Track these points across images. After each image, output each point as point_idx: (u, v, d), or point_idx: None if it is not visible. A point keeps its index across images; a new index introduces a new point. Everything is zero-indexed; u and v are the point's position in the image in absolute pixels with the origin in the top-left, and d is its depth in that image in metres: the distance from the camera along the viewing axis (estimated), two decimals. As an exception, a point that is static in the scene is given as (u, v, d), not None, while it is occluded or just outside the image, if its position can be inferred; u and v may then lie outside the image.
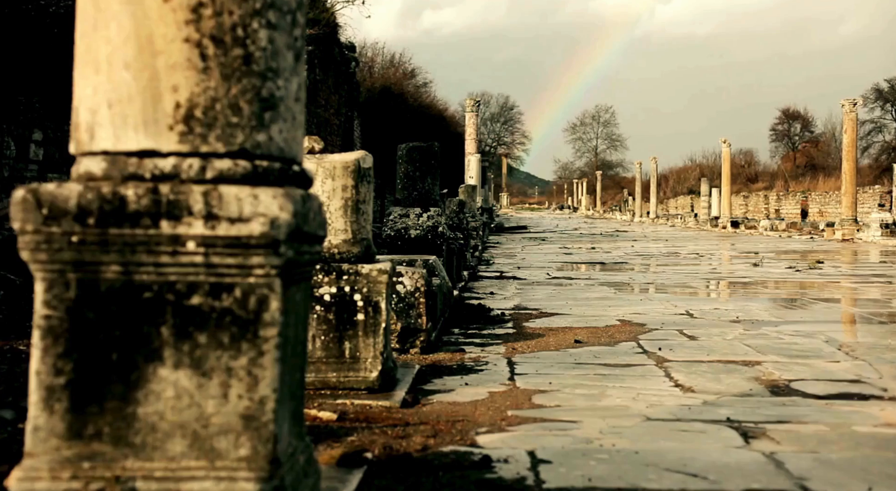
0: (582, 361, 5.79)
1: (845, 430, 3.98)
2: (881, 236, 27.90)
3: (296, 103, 2.26)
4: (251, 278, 2.06)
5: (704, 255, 20.26)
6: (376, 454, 3.40)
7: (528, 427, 4.01)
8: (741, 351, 6.23)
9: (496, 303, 9.36)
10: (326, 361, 4.61)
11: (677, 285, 12.00)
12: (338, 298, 4.65)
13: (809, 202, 51.42)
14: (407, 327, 5.95)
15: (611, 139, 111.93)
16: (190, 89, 2.07)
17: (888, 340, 6.88)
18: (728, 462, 3.43)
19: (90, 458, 2.03)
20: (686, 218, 51.95)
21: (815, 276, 13.87)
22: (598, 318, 8.16)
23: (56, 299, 2.04)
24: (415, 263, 6.97)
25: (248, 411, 2.05)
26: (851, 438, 3.83)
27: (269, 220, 2.04)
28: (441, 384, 5.02)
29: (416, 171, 10.38)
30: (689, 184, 75.27)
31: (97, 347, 2.03)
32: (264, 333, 2.07)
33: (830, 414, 4.30)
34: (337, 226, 4.75)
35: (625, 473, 3.27)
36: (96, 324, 2.03)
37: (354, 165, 4.78)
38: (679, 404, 4.49)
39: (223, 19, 2.08)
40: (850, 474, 3.30)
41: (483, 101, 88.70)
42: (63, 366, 2.03)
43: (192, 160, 2.09)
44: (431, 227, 9.99)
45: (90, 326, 2.03)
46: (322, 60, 19.33)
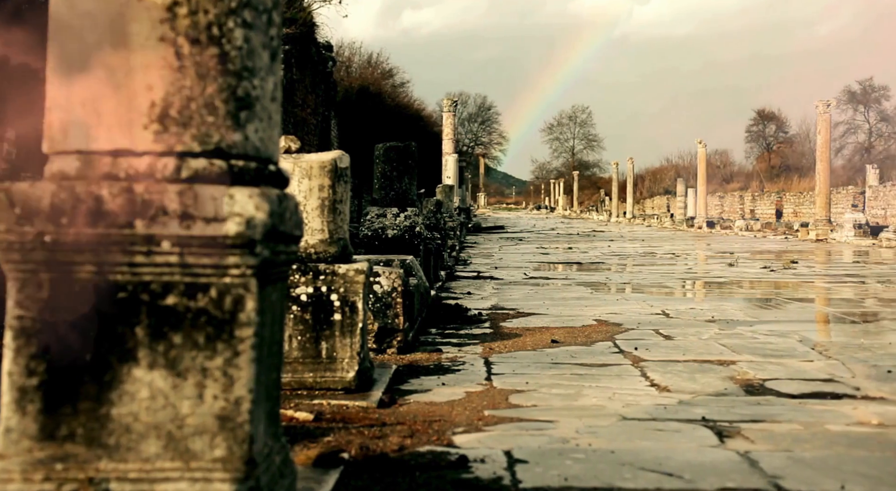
0: (558, 361, 5.81)
1: (818, 429, 4.02)
2: (854, 237, 28.16)
3: (272, 103, 2.25)
4: (227, 278, 2.06)
5: (680, 255, 20.37)
6: (353, 455, 3.39)
7: (504, 427, 4.01)
8: (716, 351, 6.27)
9: (473, 303, 9.36)
10: (303, 362, 4.60)
11: (653, 285, 12.06)
12: (314, 298, 4.64)
13: (784, 202, 51.80)
14: (384, 327, 5.94)
15: (588, 139, 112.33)
16: (165, 88, 2.06)
17: (861, 339, 6.95)
18: (703, 461, 3.45)
19: (63, 459, 2.01)
20: (662, 218, 52.21)
21: (790, 276, 13.98)
22: (575, 318, 8.18)
23: (29, 299, 2.02)
24: (392, 263, 6.96)
25: (224, 412, 2.04)
26: (825, 437, 3.87)
27: (245, 220, 2.03)
28: (418, 384, 5.02)
29: (393, 171, 10.38)
30: (665, 184, 75.63)
31: (70, 348, 2.01)
32: (240, 334, 2.06)
33: (804, 413, 4.34)
34: (313, 226, 4.74)
35: (601, 473, 3.29)
36: (70, 324, 2.02)
37: (331, 165, 4.77)
38: (655, 404, 4.51)
39: (198, 18, 2.07)
40: (823, 473, 3.33)
41: (461, 101, 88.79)
42: (36, 367, 2.01)
43: (167, 160, 2.08)
44: (408, 227, 9.99)
45: (63, 327, 2.02)
46: (299, 60, 19.27)
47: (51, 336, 2.01)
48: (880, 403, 4.57)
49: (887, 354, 6.14)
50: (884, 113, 69.81)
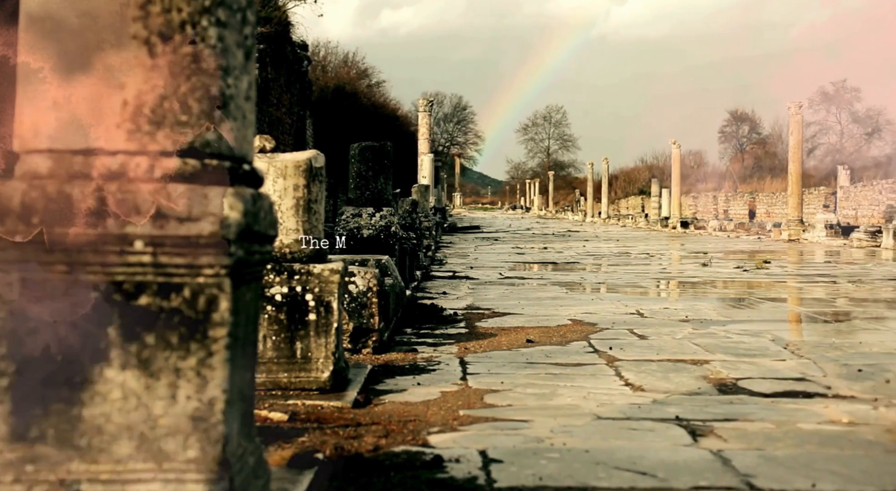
0: (534, 361, 5.82)
1: (790, 427, 4.06)
2: (826, 237, 28.44)
3: (246, 102, 2.24)
4: (200, 278, 2.04)
5: (654, 255, 20.48)
6: (327, 455, 3.38)
7: (479, 427, 4.02)
8: (690, 350, 6.31)
9: (449, 303, 9.37)
10: (278, 362, 4.58)
11: (628, 285, 12.11)
12: (289, 298, 4.63)
13: (757, 203, 52.23)
14: (359, 327, 5.93)
15: (563, 140, 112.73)
16: (137, 87, 2.05)
17: (832, 338, 7.02)
18: (676, 460, 3.47)
19: (33, 461, 2.00)
20: (637, 218, 52.48)
21: (763, 275, 14.09)
22: (550, 317, 8.21)
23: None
24: (367, 262, 6.95)
25: (197, 412, 2.03)
26: (796, 436, 3.90)
27: (219, 219, 2.02)
28: (393, 384, 5.01)
29: (368, 171, 10.36)
30: (639, 184, 76.01)
31: (41, 348, 2.00)
32: (214, 334, 2.05)
33: (776, 412, 4.37)
34: (288, 225, 4.73)
35: (575, 472, 3.30)
36: (40, 324, 2.00)
37: (306, 165, 4.75)
38: (629, 403, 4.53)
39: (172, 16, 2.06)
40: (794, 471, 3.36)
41: (436, 100, 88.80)
42: (6, 368, 1.99)
43: (140, 159, 2.06)
44: (384, 227, 9.98)
45: (34, 327, 2.00)
46: (274, 59, 19.19)
47: (21, 336, 1.99)
48: (851, 402, 4.62)
49: (858, 354, 6.20)
50: (855, 114, 70.58)
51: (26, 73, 2.10)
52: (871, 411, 4.40)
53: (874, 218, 36.08)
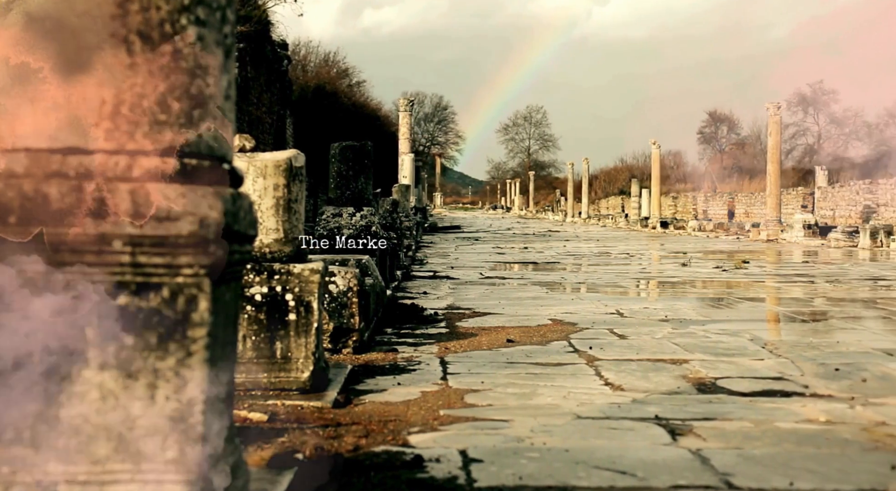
0: (514, 361, 5.83)
1: (768, 426, 4.08)
2: (804, 237, 28.65)
3: (226, 101, 2.23)
4: (179, 278, 2.03)
5: (634, 255, 20.56)
6: (307, 455, 3.38)
7: (460, 426, 4.02)
8: (669, 350, 6.34)
9: (429, 302, 9.37)
10: (257, 362, 4.57)
11: (608, 285, 12.16)
12: (269, 298, 4.61)
13: (736, 203, 52.53)
14: (339, 327, 5.92)
15: (543, 140, 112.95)
16: (116, 86, 2.03)
17: (810, 338, 7.07)
18: (656, 459, 3.49)
19: (10, 462, 1.98)
20: (617, 218, 52.66)
21: (741, 275, 14.18)
22: (531, 317, 8.22)
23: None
24: (347, 262, 6.94)
25: (176, 413, 2.02)
26: (774, 435, 3.93)
27: (198, 219, 2.01)
28: (373, 384, 5.01)
29: (349, 171, 10.34)
30: (619, 184, 76.28)
31: (17, 349, 1.98)
32: (193, 334, 2.04)
33: (754, 411, 4.40)
34: (268, 225, 4.71)
35: (555, 471, 3.31)
36: (16, 324, 1.98)
37: (286, 164, 4.74)
38: (609, 403, 4.55)
39: (150, 15, 2.05)
40: (772, 470, 3.38)
41: (417, 100, 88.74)
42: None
43: (119, 158, 2.05)
44: (364, 227, 9.96)
45: (11, 327, 1.98)
46: (253, 58, 19.13)
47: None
48: (828, 401, 4.66)
49: (835, 353, 6.25)
50: (833, 115, 71.16)
51: (2, 70, 2.08)
52: (848, 410, 4.43)
53: (851, 218, 36.39)
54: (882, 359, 6.00)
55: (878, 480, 3.27)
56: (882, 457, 3.59)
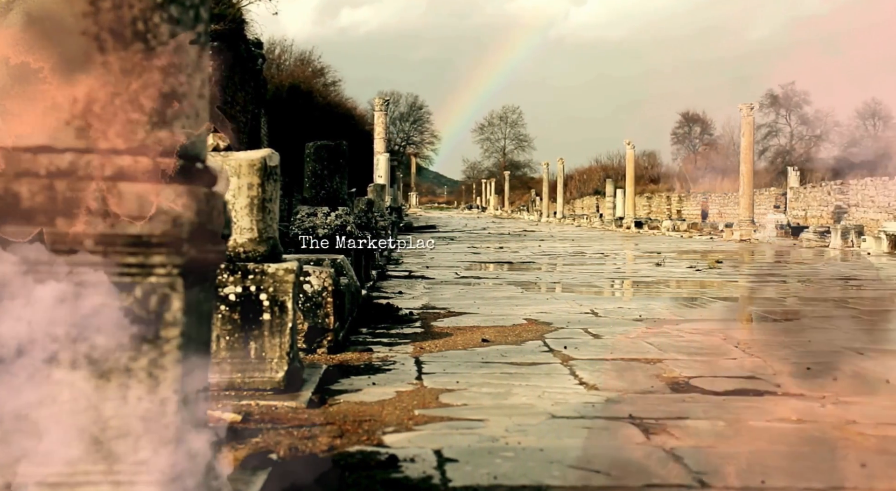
0: (489, 360, 5.84)
1: (741, 425, 4.12)
2: (776, 237, 28.90)
3: (199, 99, 2.22)
4: (152, 278, 2.02)
5: (609, 254, 20.65)
6: (281, 455, 3.36)
7: (435, 426, 4.02)
8: (643, 349, 6.37)
9: (405, 302, 9.36)
10: (231, 362, 4.55)
11: (583, 285, 12.20)
12: (243, 298, 4.59)
13: (709, 203, 52.87)
14: (314, 327, 5.90)
15: (518, 140, 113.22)
16: (88, 84, 2.02)
17: (782, 337, 7.13)
18: (629, 458, 3.51)
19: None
20: (592, 218, 52.86)
21: (715, 275, 14.28)
22: (506, 317, 8.24)
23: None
24: (322, 262, 6.92)
25: (149, 413, 2.01)
26: (747, 433, 3.96)
27: (171, 218, 2.00)
28: (348, 384, 5.00)
29: (324, 170, 10.32)
30: (594, 185, 76.58)
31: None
32: (165, 334, 2.03)
33: (727, 410, 4.43)
34: (243, 224, 4.69)
35: (529, 471, 3.32)
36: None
37: (261, 163, 4.72)
38: (583, 402, 4.56)
39: (123, 12, 2.03)
40: (745, 468, 3.41)
41: (392, 100, 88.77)
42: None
43: (90, 156, 2.03)
44: (340, 227, 9.94)
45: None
46: (228, 57, 19.02)
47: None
48: (800, 400, 4.70)
49: (807, 352, 6.31)
50: (804, 116, 71.82)
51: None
52: (820, 409, 4.47)
53: (823, 218, 36.74)
54: (853, 358, 6.06)
55: (849, 478, 3.30)
56: (852, 455, 3.62)
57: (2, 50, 2.00)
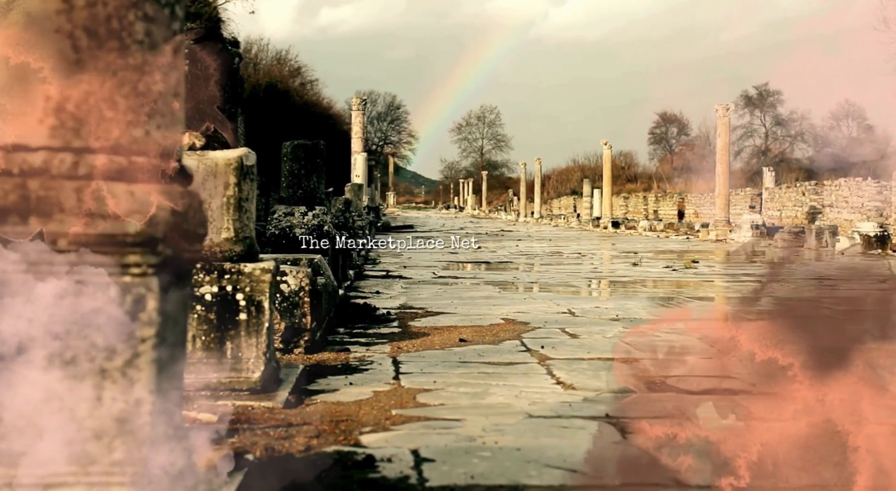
0: (466, 360, 5.84)
1: (716, 424, 4.14)
2: (752, 237, 29.09)
3: (175, 98, 2.20)
4: (127, 277, 2.01)
5: (586, 254, 20.71)
6: (258, 456, 3.35)
7: (412, 426, 4.02)
8: (620, 349, 6.39)
9: (382, 302, 9.35)
10: (207, 362, 4.52)
11: (560, 284, 12.23)
12: (219, 298, 4.57)
13: (686, 203, 53.15)
14: (291, 327, 5.88)
15: (496, 140, 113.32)
16: (61, 82, 2.00)
17: (757, 337, 7.18)
18: (606, 457, 3.52)
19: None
20: (569, 218, 52.99)
21: (691, 275, 14.35)
22: (483, 317, 8.24)
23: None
24: (299, 262, 6.89)
25: (123, 414, 2.00)
26: (723, 433, 3.98)
27: (146, 217, 1.99)
28: (325, 384, 4.98)
29: (301, 170, 10.28)
30: (571, 185, 76.82)
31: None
32: (141, 334, 2.01)
33: (703, 409, 4.45)
34: (219, 224, 4.66)
35: (506, 470, 3.32)
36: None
37: (237, 163, 4.70)
38: (560, 401, 4.58)
39: (97, 10, 2.01)
40: (723, 466, 3.42)
41: (370, 99, 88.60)
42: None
43: (64, 155, 2.01)
44: (317, 226, 9.90)
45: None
46: (204, 55, 18.92)
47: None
48: (773, 399, 4.73)
49: (782, 352, 6.35)
50: (779, 117, 72.40)
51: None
52: (796, 407, 4.50)
53: (798, 219, 37.03)
54: (828, 357, 6.11)
55: (821, 474, 3.33)
56: (828, 452, 3.65)
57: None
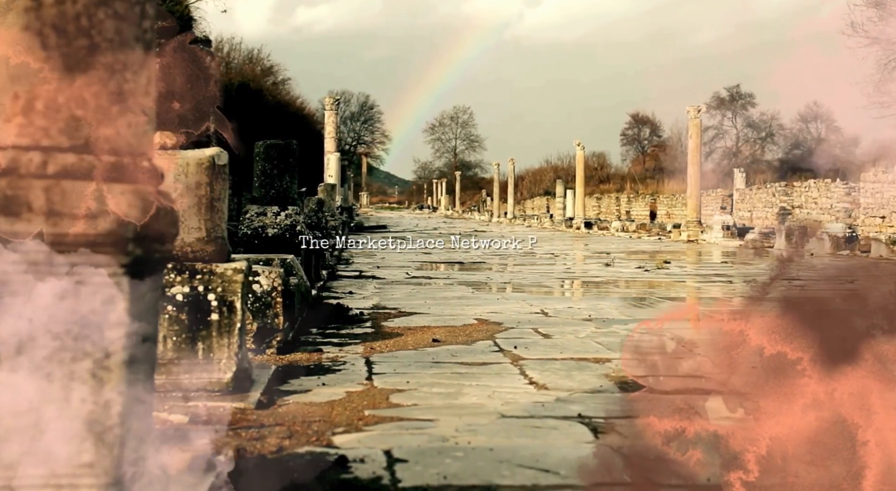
0: (439, 360, 5.84)
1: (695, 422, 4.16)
2: (723, 238, 29.31)
3: (145, 97, 2.18)
4: (97, 277, 1.99)
5: (559, 255, 20.78)
6: (229, 457, 3.33)
7: (385, 426, 4.01)
8: (593, 349, 6.42)
9: (355, 302, 9.33)
10: (178, 363, 4.49)
11: (533, 285, 12.26)
12: (191, 298, 4.53)
13: (658, 204, 53.45)
14: (263, 327, 5.86)
15: (469, 140, 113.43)
16: (30, 80, 1.98)
17: (728, 336, 7.23)
18: (579, 457, 3.53)
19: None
20: (542, 218, 53.14)
21: (663, 275, 14.44)
22: (456, 317, 8.25)
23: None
24: (272, 262, 6.87)
25: (93, 416, 1.98)
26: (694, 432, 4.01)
27: (116, 217, 1.97)
28: (298, 385, 4.97)
29: (273, 169, 10.23)
30: (545, 185, 77.05)
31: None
32: (110, 334, 2.00)
33: (675, 409, 4.48)
34: (190, 224, 4.63)
35: (479, 470, 3.32)
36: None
37: (209, 162, 4.67)
38: (533, 402, 4.59)
39: (66, 8, 1.99)
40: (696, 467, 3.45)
41: (343, 99, 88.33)
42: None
43: (33, 154, 1.99)
44: (289, 226, 9.87)
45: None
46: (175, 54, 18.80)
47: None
48: (746, 398, 4.76)
49: (751, 351, 6.40)
50: (750, 119, 73.04)
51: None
52: (765, 407, 4.54)
53: (768, 220, 37.36)
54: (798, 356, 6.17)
55: (792, 475, 3.35)
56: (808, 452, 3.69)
57: None
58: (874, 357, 3.10)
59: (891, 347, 3.10)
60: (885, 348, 3.09)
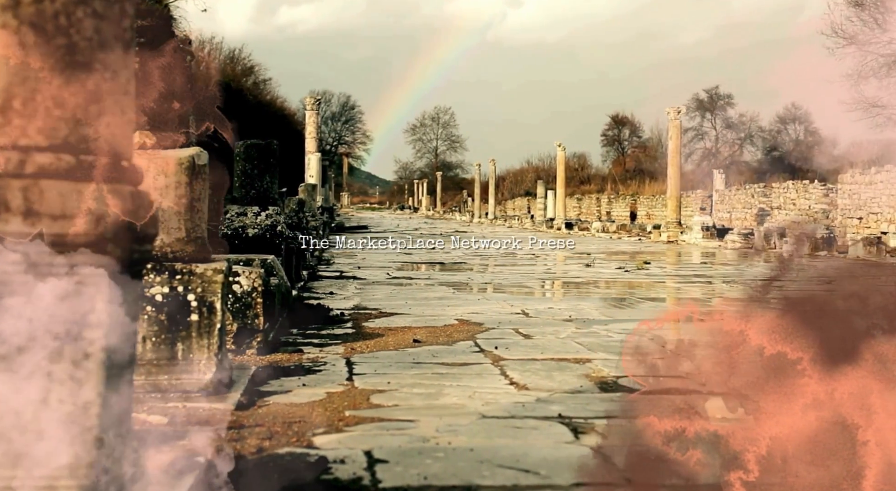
0: (420, 361, 5.84)
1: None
2: (703, 238, 29.46)
3: (125, 96, 2.17)
4: (76, 277, 1.97)
5: (540, 255, 20.83)
6: (209, 458, 3.31)
7: (365, 427, 4.01)
8: (573, 349, 6.44)
9: (336, 303, 9.31)
10: (157, 364, 4.47)
11: (514, 285, 12.28)
12: (170, 299, 4.51)
13: (638, 205, 53.66)
14: (243, 328, 5.84)
15: (451, 140, 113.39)
16: (7, 79, 1.96)
17: (707, 337, 7.27)
18: (559, 457, 3.54)
19: None
20: (523, 219, 53.21)
21: (643, 276, 14.50)
22: (437, 317, 8.25)
23: None
24: (252, 262, 6.84)
25: (71, 417, 1.96)
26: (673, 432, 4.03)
27: (95, 217, 1.96)
28: (278, 385, 4.95)
29: (254, 170, 10.22)
30: (526, 186, 77.16)
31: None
32: (89, 335, 1.98)
33: (655, 409, 4.50)
34: (170, 224, 4.61)
35: (460, 471, 3.33)
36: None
37: (189, 162, 4.65)
38: (513, 402, 4.59)
39: (44, 6, 1.98)
40: (671, 465, 3.46)
41: (324, 99, 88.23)
42: None
43: (10, 153, 1.98)
44: (270, 226, 9.84)
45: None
46: (154, 53, 18.71)
47: None
48: (725, 399, 4.79)
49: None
50: (729, 120, 73.43)
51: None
52: (741, 407, 4.57)
53: (747, 221, 37.59)
54: (778, 356, 6.21)
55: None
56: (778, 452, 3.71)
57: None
58: (874, 357, 3.12)
59: (891, 347, 3.12)
60: (885, 348, 3.11)
